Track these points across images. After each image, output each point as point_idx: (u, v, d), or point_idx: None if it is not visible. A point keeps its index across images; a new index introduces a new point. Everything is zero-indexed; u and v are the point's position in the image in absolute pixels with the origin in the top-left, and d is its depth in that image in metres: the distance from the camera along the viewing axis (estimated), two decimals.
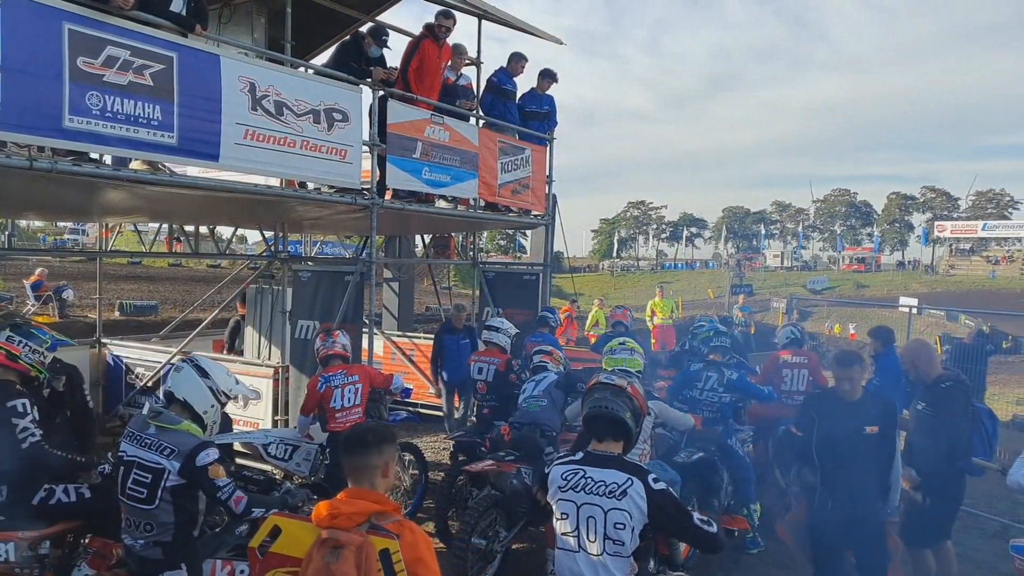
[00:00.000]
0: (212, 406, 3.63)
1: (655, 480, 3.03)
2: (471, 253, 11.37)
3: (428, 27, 7.69)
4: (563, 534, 3.08)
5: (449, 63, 8.14)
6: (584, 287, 66.63)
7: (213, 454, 3.43)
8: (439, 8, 7.75)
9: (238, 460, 6.04)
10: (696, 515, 3.11)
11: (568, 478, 3.07)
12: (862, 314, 43.20)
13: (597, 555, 2.99)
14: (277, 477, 4.19)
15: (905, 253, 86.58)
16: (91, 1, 4.71)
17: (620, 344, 5.29)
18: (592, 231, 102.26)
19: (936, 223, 78.32)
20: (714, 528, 3.11)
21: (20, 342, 4.11)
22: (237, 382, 3.85)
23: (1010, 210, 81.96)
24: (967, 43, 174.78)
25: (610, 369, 5.19)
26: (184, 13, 5.47)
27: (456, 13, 7.88)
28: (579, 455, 3.18)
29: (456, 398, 9.02)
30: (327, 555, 2.43)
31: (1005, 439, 9.27)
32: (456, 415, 9.01)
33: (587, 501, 3.00)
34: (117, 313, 18.51)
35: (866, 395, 4.67)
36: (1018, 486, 4.09)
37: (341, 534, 2.44)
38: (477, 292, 10.50)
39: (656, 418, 5.21)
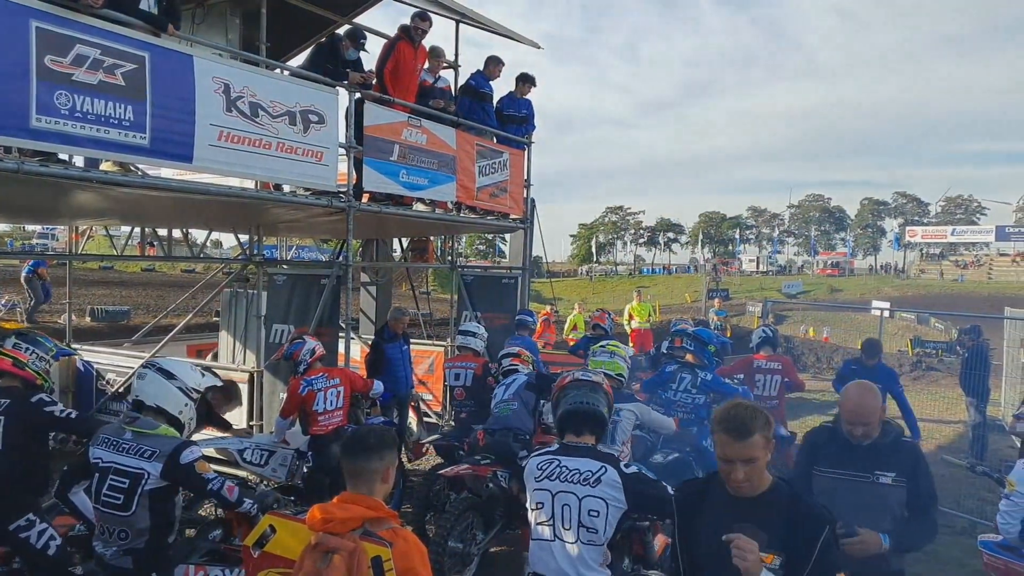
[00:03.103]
0: (186, 404, 3.58)
1: (626, 465, 3.16)
2: (449, 257, 11.36)
3: (404, 28, 7.67)
4: (538, 524, 3.13)
5: (425, 65, 8.13)
6: (563, 292, 66.72)
7: (197, 451, 3.40)
8: (415, 10, 7.74)
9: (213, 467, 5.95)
10: (669, 487, 3.19)
11: (543, 467, 3.15)
12: (836, 318, 43.82)
13: (571, 543, 3.03)
14: (251, 481, 4.14)
15: (877, 257, 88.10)
16: None
17: (601, 347, 5.31)
18: (571, 236, 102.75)
19: (907, 228, 79.77)
20: None
21: (27, 349, 4.08)
22: (203, 374, 3.80)
23: (978, 216, 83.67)
24: (935, 53, 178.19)
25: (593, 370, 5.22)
26: (155, 12, 5.40)
27: (432, 16, 7.88)
28: (555, 446, 3.26)
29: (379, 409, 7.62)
30: (318, 560, 2.39)
31: (994, 441, 9.49)
32: (411, 436, 8.25)
33: (562, 489, 3.06)
34: (88, 319, 18.18)
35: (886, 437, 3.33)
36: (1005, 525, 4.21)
37: (333, 539, 2.40)
38: (455, 296, 10.46)
39: (637, 420, 5.24)
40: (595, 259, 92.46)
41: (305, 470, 5.88)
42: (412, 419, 8.08)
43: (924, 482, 3.30)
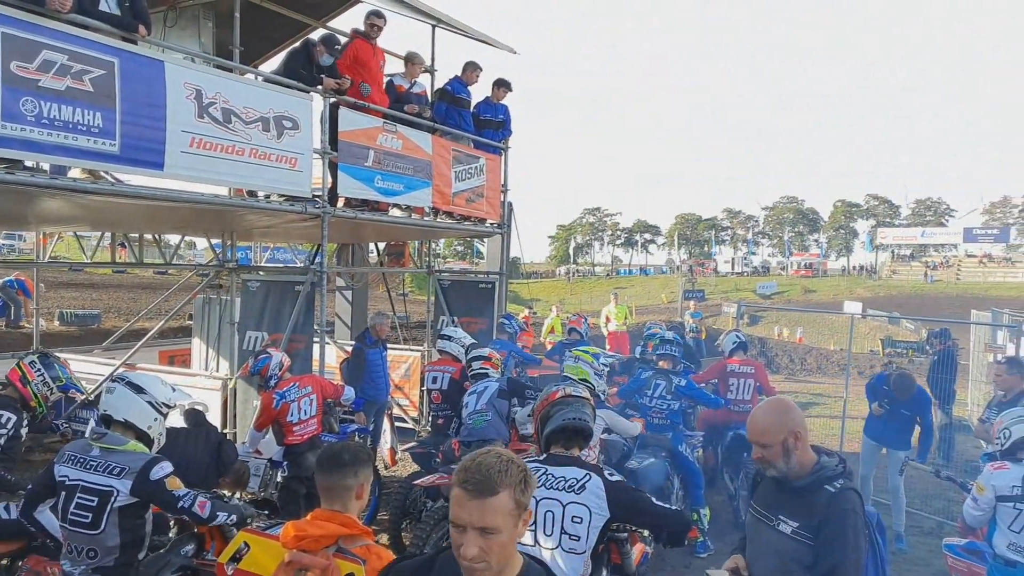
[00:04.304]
0: (155, 419, 3.53)
1: (611, 474, 3.19)
2: (427, 260, 11.34)
3: (356, 31, 7.64)
4: None
5: (385, 62, 8.06)
6: (541, 292, 67.00)
7: (168, 467, 3.35)
8: (370, 9, 7.69)
9: None
10: (654, 499, 3.24)
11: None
12: (809, 319, 44.48)
13: (551, 549, 3.04)
14: (225, 496, 4.12)
15: (850, 259, 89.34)
16: (26, 3, 4.55)
17: (572, 355, 5.36)
18: (549, 237, 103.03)
19: (879, 230, 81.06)
20: (673, 508, 3.31)
21: (38, 371, 4.11)
22: (174, 389, 3.76)
23: (946, 218, 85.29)
24: (907, 56, 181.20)
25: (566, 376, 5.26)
26: (118, 13, 5.32)
27: (412, 20, 7.86)
28: (543, 456, 3.29)
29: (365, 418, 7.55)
30: None
31: (960, 442, 9.67)
32: (385, 444, 8.14)
33: (547, 496, 3.09)
34: (57, 323, 17.82)
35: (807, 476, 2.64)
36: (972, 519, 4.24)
37: (305, 557, 2.39)
38: (432, 298, 10.43)
39: (605, 425, 5.28)
40: (573, 260, 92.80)
41: (279, 479, 5.86)
42: (386, 426, 8.04)
43: (839, 549, 2.48)
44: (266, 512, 3.88)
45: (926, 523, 7.49)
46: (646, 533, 3.70)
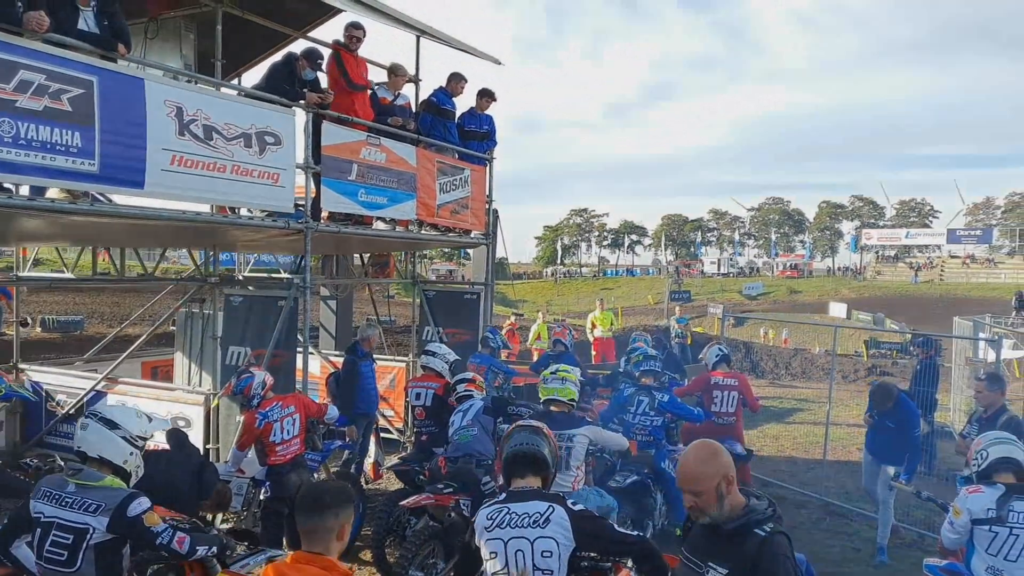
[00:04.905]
0: (131, 453, 3.49)
1: (574, 503, 3.19)
2: (412, 269, 11.32)
3: (338, 43, 7.64)
4: (493, 574, 3.11)
5: (367, 75, 8.04)
6: (527, 294, 67.18)
7: (145, 503, 3.31)
8: (349, 21, 7.68)
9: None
10: (617, 526, 3.28)
11: (493, 517, 3.15)
12: (795, 320, 44.76)
13: None
14: (200, 524, 4.08)
15: (835, 259, 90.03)
16: (2, 23, 4.50)
17: (552, 374, 5.33)
18: (536, 238, 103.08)
19: (864, 231, 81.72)
20: (636, 534, 3.30)
21: None
22: (151, 420, 3.73)
23: (930, 219, 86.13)
24: (892, 59, 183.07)
25: (544, 398, 5.25)
26: (97, 31, 5.27)
27: (395, 31, 7.85)
28: (502, 496, 3.28)
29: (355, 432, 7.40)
30: None
31: (942, 449, 9.77)
32: (370, 458, 7.92)
33: (514, 535, 3.06)
34: (39, 329, 17.68)
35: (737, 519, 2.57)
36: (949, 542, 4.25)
37: None
38: (417, 302, 10.38)
39: (591, 443, 5.28)
40: (560, 261, 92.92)
41: (261, 498, 5.83)
42: (371, 440, 8.00)
43: None
44: (246, 543, 3.84)
45: (907, 535, 7.54)
46: (629, 563, 3.70)
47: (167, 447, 5.13)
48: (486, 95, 9.50)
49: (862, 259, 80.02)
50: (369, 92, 7.91)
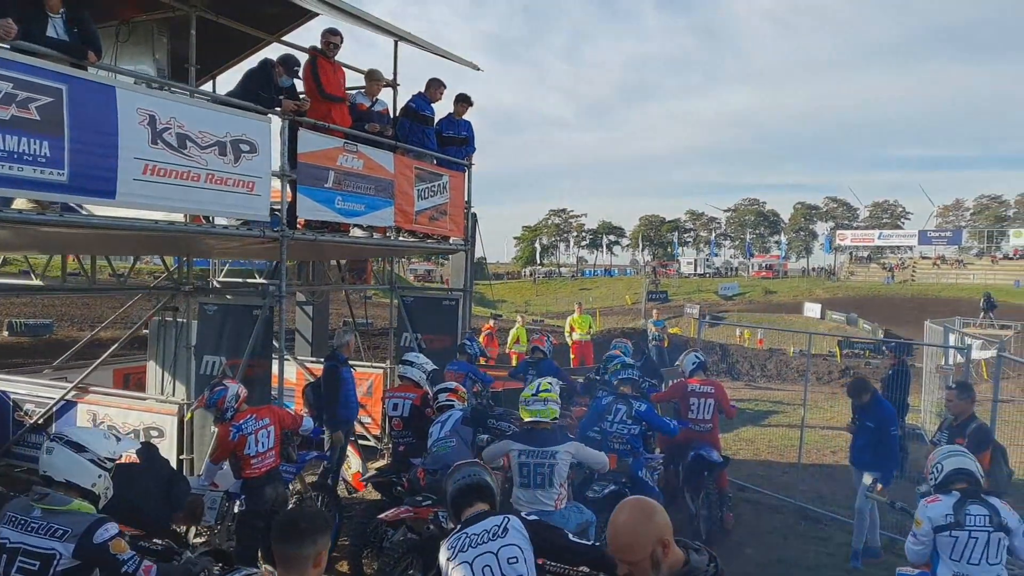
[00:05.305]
0: (99, 476, 3.42)
1: (528, 514, 3.36)
2: (390, 274, 11.25)
3: (315, 49, 7.59)
4: None
5: (345, 81, 7.98)
6: (506, 294, 67.18)
7: (112, 529, 3.23)
8: (326, 27, 7.62)
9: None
10: (571, 535, 3.41)
11: (454, 545, 3.23)
12: (770, 320, 45.32)
13: None
14: (175, 547, 3.99)
15: (810, 260, 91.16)
16: None
17: (533, 395, 5.31)
18: (515, 238, 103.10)
19: (838, 232, 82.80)
20: (589, 543, 3.42)
21: None
22: (119, 440, 3.65)
23: (902, 220, 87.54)
24: (866, 61, 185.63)
25: (528, 420, 5.24)
26: (67, 39, 5.17)
27: (348, 28, 7.79)
28: (458, 527, 3.36)
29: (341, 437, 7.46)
30: None
31: (914, 450, 9.92)
32: (349, 468, 7.93)
33: (478, 553, 3.14)
34: (6, 333, 17.31)
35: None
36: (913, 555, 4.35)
37: None
38: (395, 303, 10.31)
39: (574, 459, 5.28)
40: (538, 261, 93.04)
41: (236, 512, 5.76)
42: (351, 450, 7.94)
43: None
44: (220, 564, 3.77)
45: (880, 539, 7.64)
46: None
47: (136, 459, 5.04)
48: (463, 100, 9.48)
49: (836, 260, 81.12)
50: (348, 103, 7.85)
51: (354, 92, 8.23)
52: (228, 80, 9.39)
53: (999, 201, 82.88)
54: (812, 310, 49.27)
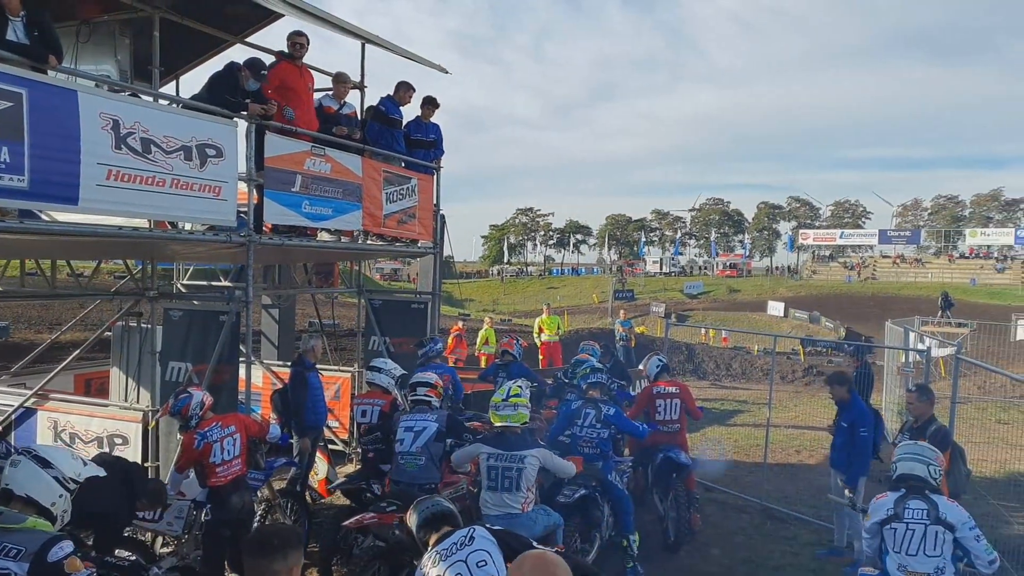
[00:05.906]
0: (60, 496, 3.35)
1: (494, 520, 3.45)
2: (358, 278, 11.17)
3: (281, 53, 7.53)
4: None
5: (313, 84, 7.93)
6: (474, 293, 67.05)
7: (67, 547, 3.16)
8: (292, 30, 7.56)
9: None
10: (535, 542, 3.47)
11: (425, 564, 3.29)
12: (734, 319, 46.02)
13: None
14: (143, 563, 3.93)
15: (773, 259, 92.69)
16: None
17: (503, 400, 5.35)
18: (482, 237, 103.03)
19: (800, 231, 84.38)
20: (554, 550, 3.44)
21: None
22: (85, 463, 3.59)
23: (863, 220, 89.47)
24: (829, 63, 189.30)
25: (498, 424, 5.28)
26: (27, 42, 5.05)
27: (314, 30, 7.73)
28: (430, 550, 3.40)
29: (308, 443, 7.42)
30: None
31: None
32: (317, 475, 7.88)
33: (449, 564, 3.18)
34: None
35: None
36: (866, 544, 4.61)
37: None
38: (364, 308, 10.26)
39: (541, 464, 5.33)
40: (506, 260, 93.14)
41: (203, 520, 5.69)
42: (319, 456, 7.89)
43: None
44: None
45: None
46: None
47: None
48: (430, 103, 9.47)
49: (799, 259, 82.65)
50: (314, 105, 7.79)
51: (321, 95, 8.16)
52: (192, 80, 9.27)
53: (955, 201, 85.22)
54: (776, 308, 50.09)
